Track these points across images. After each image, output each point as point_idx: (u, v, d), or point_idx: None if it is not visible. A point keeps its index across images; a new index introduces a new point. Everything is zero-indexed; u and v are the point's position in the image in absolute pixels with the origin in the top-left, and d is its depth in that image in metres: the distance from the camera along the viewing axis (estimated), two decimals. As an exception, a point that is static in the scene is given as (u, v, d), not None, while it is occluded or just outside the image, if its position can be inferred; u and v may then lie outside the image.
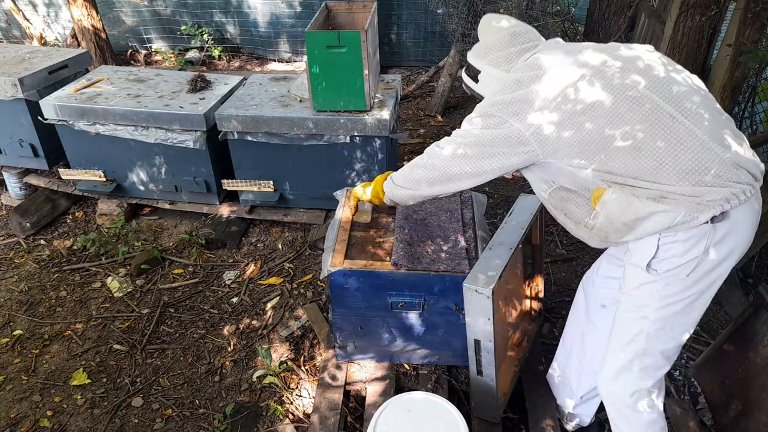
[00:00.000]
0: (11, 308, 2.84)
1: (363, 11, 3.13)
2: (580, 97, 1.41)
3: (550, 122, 1.43)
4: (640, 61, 1.45)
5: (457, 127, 1.64)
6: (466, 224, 2.18)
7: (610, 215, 1.44)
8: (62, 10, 5.88)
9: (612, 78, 1.41)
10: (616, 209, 1.42)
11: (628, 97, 1.39)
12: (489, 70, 1.67)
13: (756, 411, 1.87)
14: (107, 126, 3.09)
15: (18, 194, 3.59)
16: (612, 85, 1.40)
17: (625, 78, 1.41)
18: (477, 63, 1.70)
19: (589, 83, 1.42)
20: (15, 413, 2.30)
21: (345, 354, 2.25)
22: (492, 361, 1.83)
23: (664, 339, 1.56)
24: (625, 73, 1.42)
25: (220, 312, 2.78)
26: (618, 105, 1.38)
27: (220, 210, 3.32)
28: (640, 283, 1.53)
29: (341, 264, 1.99)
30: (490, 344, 1.80)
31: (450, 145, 1.59)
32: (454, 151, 1.58)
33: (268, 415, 2.24)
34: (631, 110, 1.38)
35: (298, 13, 5.59)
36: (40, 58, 3.47)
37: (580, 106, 1.41)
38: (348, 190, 2.41)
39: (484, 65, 1.68)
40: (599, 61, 1.45)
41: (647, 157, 1.36)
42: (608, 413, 1.77)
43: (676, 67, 1.49)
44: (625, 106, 1.38)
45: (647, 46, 1.55)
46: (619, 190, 1.41)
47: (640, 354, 1.59)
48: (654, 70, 1.43)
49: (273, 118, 2.90)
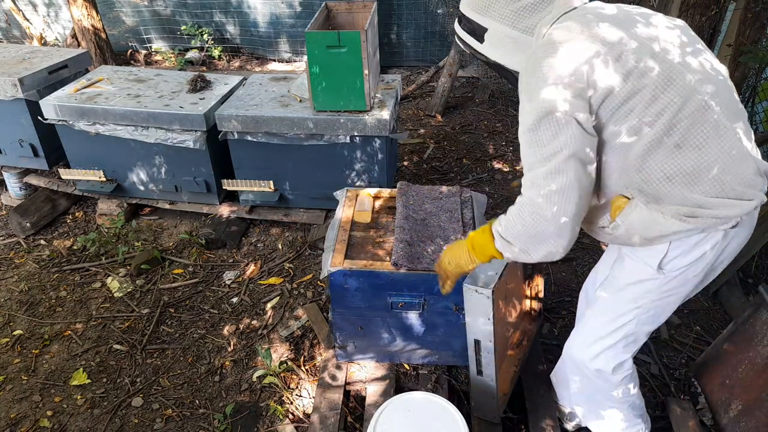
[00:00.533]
0: (11, 308, 2.84)
1: (363, 11, 3.13)
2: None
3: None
4: (656, 44, 1.32)
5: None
6: (466, 224, 2.18)
7: (631, 229, 1.40)
8: (62, 10, 5.88)
9: (627, 61, 1.29)
10: (639, 225, 1.38)
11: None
12: (499, 28, 1.40)
13: (756, 411, 1.86)
14: (107, 126, 3.09)
15: (18, 194, 3.59)
16: (626, 69, 1.28)
17: (639, 63, 1.29)
18: (478, 18, 1.43)
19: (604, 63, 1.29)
20: (15, 413, 2.30)
21: (345, 354, 2.25)
22: (492, 361, 1.83)
23: (654, 323, 1.60)
24: (640, 56, 1.29)
25: (220, 312, 2.78)
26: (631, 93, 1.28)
27: (220, 210, 3.32)
28: (641, 279, 1.52)
29: (341, 264, 1.99)
30: (490, 344, 1.80)
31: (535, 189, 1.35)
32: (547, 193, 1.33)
33: (268, 415, 2.24)
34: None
35: (298, 13, 5.58)
36: (40, 58, 3.47)
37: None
38: (348, 190, 2.41)
39: (490, 21, 1.41)
40: (616, 38, 1.32)
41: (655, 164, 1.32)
42: (572, 381, 1.81)
43: (696, 48, 1.37)
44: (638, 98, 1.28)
45: (667, 21, 1.41)
46: (642, 205, 1.36)
47: (628, 335, 1.62)
48: (669, 54, 1.31)
49: (273, 118, 2.90)
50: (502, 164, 3.99)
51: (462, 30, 1.50)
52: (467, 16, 1.46)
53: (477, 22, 1.43)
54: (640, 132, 1.30)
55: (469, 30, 1.47)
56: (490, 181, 3.80)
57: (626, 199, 1.39)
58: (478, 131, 4.45)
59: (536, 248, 1.38)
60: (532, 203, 1.34)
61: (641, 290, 1.54)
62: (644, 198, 1.37)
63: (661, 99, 1.28)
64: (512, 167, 3.95)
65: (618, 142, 1.33)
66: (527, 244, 1.39)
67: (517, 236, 1.40)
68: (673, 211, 1.34)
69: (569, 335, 1.84)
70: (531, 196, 1.35)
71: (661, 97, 1.28)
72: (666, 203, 1.35)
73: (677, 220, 1.34)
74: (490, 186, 3.73)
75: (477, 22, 1.43)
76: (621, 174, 1.38)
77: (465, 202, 2.31)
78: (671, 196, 1.34)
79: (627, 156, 1.34)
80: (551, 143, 1.29)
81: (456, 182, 3.76)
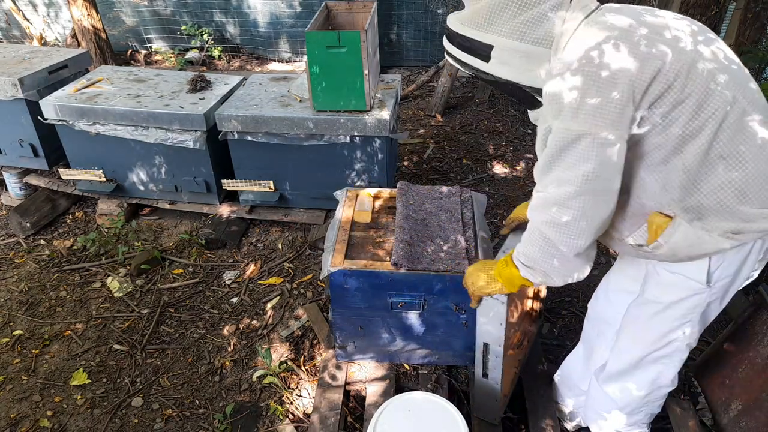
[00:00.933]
0: (11, 308, 2.84)
1: (363, 11, 3.13)
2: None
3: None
4: (668, 32, 1.24)
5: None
6: (466, 224, 2.18)
7: (675, 249, 1.32)
8: (62, 10, 5.88)
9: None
10: (684, 244, 1.31)
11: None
12: (506, 44, 1.27)
13: (756, 411, 1.86)
14: (107, 126, 3.09)
15: (18, 194, 3.59)
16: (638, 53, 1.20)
17: (651, 48, 1.20)
18: (480, 36, 1.29)
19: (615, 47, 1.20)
20: (15, 413, 2.30)
21: (345, 354, 2.25)
22: (499, 365, 1.82)
23: (697, 335, 1.55)
24: (652, 42, 1.21)
25: (220, 312, 2.78)
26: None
27: (220, 210, 3.32)
28: (689, 295, 1.44)
29: (341, 264, 1.99)
30: (499, 349, 1.79)
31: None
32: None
33: (268, 415, 2.24)
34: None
35: (298, 13, 5.58)
36: (40, 58, 3.47)
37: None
38: (348, 190, 2.41)
39: (495, 38, 1.27)
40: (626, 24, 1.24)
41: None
42: (596, 399, 1.79)
43: (707, 36, 1.28)
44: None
45: (674, 14, 1.34)
46: (686, 223, 1.29)
47: (677, 350, 1.56)
48: (681, 42, 1.23)
49: (273, 118, 2.90)
50: (502, 164, 3.99)
51: (457, 50, 1.34)
52: (463, 34, 1.31)
53: (478, 40, 1.29)
54: (685, 145, 1.23)
55: (467, 49, 1.32)
56: (490, 181, 3.80)
57: (667, 217, 1.32)
58: (478, 131, 4.45)
59: (556, 272, 1.37)
60: (543, 236, 1.33)
61: (689, 306, 1.46)
62: (688, 216, 1.30)
63: (706, 109, 1.20)
64: (512, 167, 3.95)
65: (658, 157, 1.26)
66: (546, 267, 1.38)
67: (536, 261, 1.38)
68: (719, 228, 1.29)
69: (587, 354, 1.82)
70: (541, 228, 1.33)
71: (705, 107, 1.20)
72: (710, 219, 1.29)
73: (724, 239, 1.29)
74: (490, 186, 3.73)
75: (478, 40, 1.29)
76: (661, 192, 1.30)
77: (465, 202, 2.31)
78: (719, 212, 1.27)
79: (668, 173, 1.27)
80: (573, 169, 1.22)
81: (456, 182, 3.76)
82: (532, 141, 4.26)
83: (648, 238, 1.36)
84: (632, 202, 1.35)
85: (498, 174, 3.88)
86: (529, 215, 1.38)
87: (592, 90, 1.17)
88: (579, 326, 2.59)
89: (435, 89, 4.80)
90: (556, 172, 1.26)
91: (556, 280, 1.39)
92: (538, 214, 1.35)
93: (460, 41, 1.32)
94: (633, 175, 1.30)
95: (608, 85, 1.17)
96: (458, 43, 1.33)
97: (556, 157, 1.25)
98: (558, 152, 1.24)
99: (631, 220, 1.39)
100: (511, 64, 1.29)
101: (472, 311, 2.02)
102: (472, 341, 2.11)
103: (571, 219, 1.27)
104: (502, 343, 1.77)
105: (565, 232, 1.29)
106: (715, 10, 2.66)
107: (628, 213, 1.37)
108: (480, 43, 1.29)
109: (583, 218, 1.27)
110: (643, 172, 1.29)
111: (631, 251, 1.47)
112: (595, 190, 1.24)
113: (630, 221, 1.39)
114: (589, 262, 1.37)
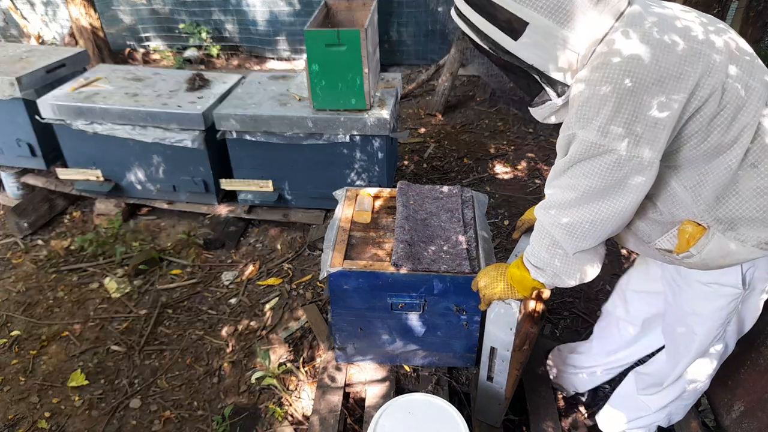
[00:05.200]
0: (9, 309, 2.82)
1: (363, 9, 3.12)
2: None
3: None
4: (678, 22, 1.20)
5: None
6: (467, 224, 2.16)
7: (707, 259, 1.29)
8: (60, 9, 5.86)
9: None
10: (717, 254, 1.28)
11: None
12: (546, 25, 1.11)
13: (759, 412, 1.85)
14: (105, 125, 3.07)
15: (15, 194, 3.57)
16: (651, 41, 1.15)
17: (662, 35, 1.14)
18: (517, 9, 1.11)
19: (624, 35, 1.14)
20: (13, 414, 2.28)
21: (344, 355, 2.23)
22: (505, 369, 1.81)
23: (735, 339, 1.58)
24: (663, 31, 1.16)
25: (218, 313, 2.76)
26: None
27: (219, 210, 3.30)
28: (727, 302, 1.43)
29: (341, 264, 1.97)
30: (507, 353, 1.77)
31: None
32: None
33: (267, 417, 2.22)
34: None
35: (297, 11, 5.57)
36: (37, 56, 3.45)
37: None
38: (347, 190, 2.40)
39: (534, 14, 1.10)
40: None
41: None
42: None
43: (718, 27, 1.24)
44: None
45: (683, 6, 1.30)
46: (720, 233, 1.26)
47: (723, 351, 1.60)
48: (692, 32, 1.18)
49: (272, 117, 2.88)
50: (504, 164, 3.97)
51: (477, 15, 1.15)
52: (495, 1, 1.12)
53: (513, 13, 1.11)
54: (718, 156, 1.20)
55: (493, 18, 1.13)
56: (491, 180, 3.78)
57: (699, 226, 1.28)
58: (479, 130, 4.43)
59: (562, 272, 1.38)
60: (549, 235, 1.34)
61: (730, 310, 1.45)
62: (721, 226, 1.27)
63: (740, 119, 1.18)
64: (513, 167, 3.93)
65: (689, 169, 1.23)
66: (555, 268, 1.38)
67: (544, 260, 1.39)
68: (753, 238, 1.26)
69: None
70: (546, 227, 1.34)
71: (740, 117, 1.18)
72: (744, 229, 1.26)
73: (758, 249, 1.26)
74: (491, 185, 3.71)
75: (513, 13, 1.11)
76: (693, 203, 1.27)
77: (466, 201, 2.29)
78: (752, 221, 1.24)
79: (701, 184, 1.24)
80: (581, 179, 1.21)
81: (457, 182, 3.75)
82: (534, 140, 4.25)
83: (678, 245, 1.33)
84: (663, 210, 1.32)
85: (499, 173, 3.86)
86: (536, 214, 1.39)
87: (627, 106, 1.11)
88: (581, 327, 2.59)
89: (435, 88, 4.78)
90: (566, 177, 1.26)
91: (566, 280, 1.38)
92: (542, 213, 1.36)
93: (485, 5, 1.13)
94: (664, 186, 1.27)
95: (644, 102, 1.11)
96: (481, 7, 1.14)
97: (572, 164, 1.23)
98: (576, 161, 1.21)
99: (661, 227, 1.36)
100: (543, 49, 1.14)
101: (474, 312, 2.00)
102: (473, 342, 2.11)
103: (569, 221, 1.28)
104: (511, 348, 1.75)
105: (566, 232, 1.31)
106: (718, 9, 2.65)
107: (658, 220, 1.34)
108: (514, 16, 1.11)
109: (585, 223, 1.27)
110: (674, 182, 1.26)
111: (656, 255, 1.45)
112: (598, 207, 1.23)
113: (659, 228, 1.36)
114: (593, 262, 1.37)
